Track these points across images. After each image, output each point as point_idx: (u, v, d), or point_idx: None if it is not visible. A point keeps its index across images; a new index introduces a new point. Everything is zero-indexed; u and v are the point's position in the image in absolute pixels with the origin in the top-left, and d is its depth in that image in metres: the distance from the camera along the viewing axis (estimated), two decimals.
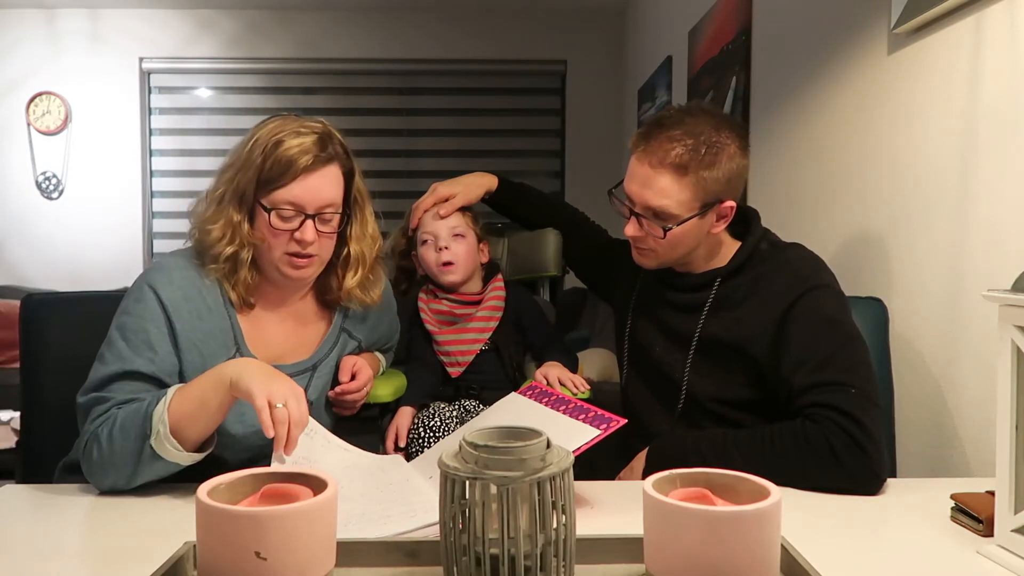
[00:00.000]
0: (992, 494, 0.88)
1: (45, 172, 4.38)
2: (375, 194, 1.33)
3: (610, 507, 1.04)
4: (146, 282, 1.18)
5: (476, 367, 1.60)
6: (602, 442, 1.02)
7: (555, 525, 0.69)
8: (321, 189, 1.19)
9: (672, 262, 1.35)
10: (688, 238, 1.29)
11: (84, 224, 4.40)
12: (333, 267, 1.30)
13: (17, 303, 1.88)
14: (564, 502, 0.70)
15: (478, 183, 1.70)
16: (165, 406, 1.05)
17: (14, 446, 2.77)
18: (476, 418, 1.42)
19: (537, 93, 4.62)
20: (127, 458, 1.05)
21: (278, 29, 4.44)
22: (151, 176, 4.51)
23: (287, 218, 1.19)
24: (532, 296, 1.76)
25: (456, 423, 1.50)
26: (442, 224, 1.60)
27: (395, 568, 0.81)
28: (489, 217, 1.77)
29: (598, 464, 1.22)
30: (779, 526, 0.70)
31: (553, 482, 0.69)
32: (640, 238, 1.32)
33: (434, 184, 1.67)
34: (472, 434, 0.72)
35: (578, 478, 0.81)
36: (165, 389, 1.08)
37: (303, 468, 0.80)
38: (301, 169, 1.17)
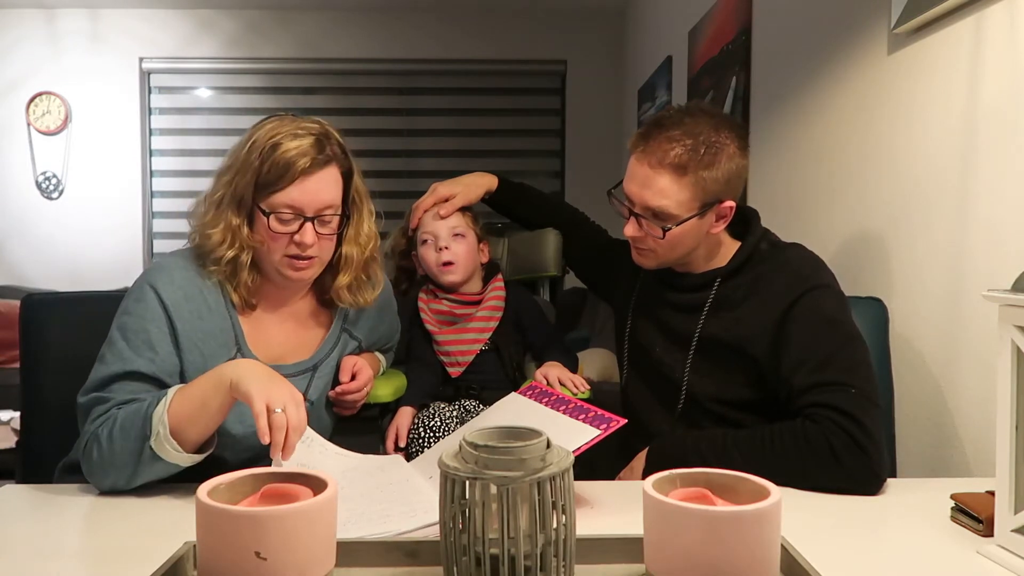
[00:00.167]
0: (992, 494, 0.88)
1: (45, 172, 4.38)
2: (375, 194, 1.33)
3: (610, 507, 1.04)
4: (147, 282, 1.18)
5: (476, 367, 1.60)
6: (602, 442, 1.02)
7: (555, 525, 0.69)
8: (320, 191, 1.19)
9: (672, 262, 1.36)
10: (687, 238, 1.30)
11: (84, 224, 4.40)
12: (329, 267, 1.29)
13: (17, 303, 1.88)
14: (564, 502, 0.70)
15: (478, 183, 1.70)
16: (165, 407, 1.04)
17: (14, 446, 2.77)
18: (476, 418, 1.42)
19: (537, 93, 4.62)
20: (127, 459, 1.05)
21: (278, 29, 4.44)
22: (151, 176, 4.51)
23: (286, 221, 1.18)
24: (532, 296, 1.76)
25: (456, 423, 1.50)
26: (442, 224, 1.61)
27: (395, 568, 0.81)
28: (489, 217, 1.77)
29: (598, 464, 1.22)
30: (779, 526, 0.70)
31: (553, 482, 0.69)
32: (640, 238, 1.32)
33: (434, 184, 1.67)
34: (472, 434, 0.72)
35: (578, 478, 0.81)
36: (165, 390, 1.08)
37: (303, 468, 0.80)
38: (299, 172, 1.16)
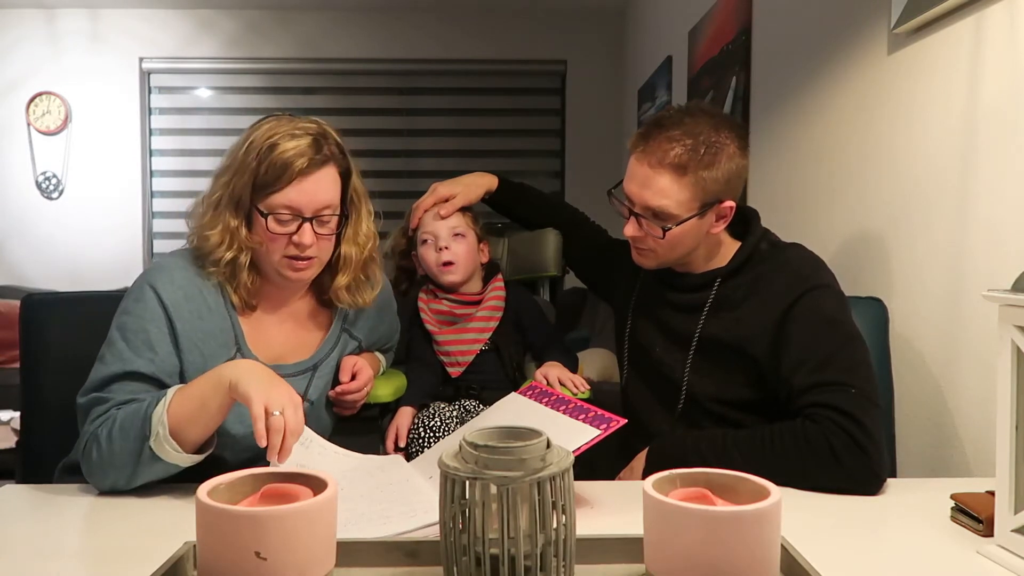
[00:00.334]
0: (992, 494, 0.88)
1: (45, 172, 4.38)
2: (375, 194, 1.33)
3: (610, 507, 1.04)
4: (147, 282, 1.18)
5: (476, 367, 1.60)
6: (602, 442, 1.02)
7: (555, 525, 0.69)
8: (318, 192, 1.18)
9: (672, 262, 1.36)
10: (687, 238, 1.30)
11: (84, 224, 4.40)
12: (328, 267, 1.29)
13: (17, 303, 1.88)
14: (564, 502, 0.70)
15: (478, 183, 1.70)
16: (164, 407, 1.04)
17: (14, 446, 2.77)
18: (476, 418, 1.42)
19: (537, 93, 4.62)
20: (126, 459, 1.05)
21: (278, 29, 4.44)
22: (151, 176, 4.51)
23: (284, 222, 1.18)
24: (532, 296, 1.76)
25: (456, 423, 1.50)
26: (442, 224, 1.60)
27: (395, 568, 0.81)
28: (489, 217, 1.77)
29: (598, 464, 1.22)
30: (779, 526, 0.70)
31: (553, 482, 0.69)
32: (640, 238, 1.32)
33: (434, 184, 1.67)
34: (472, 434, 0.72)
35: (578, 478, 0.81)
36: (165, 390, 1.08)
37: (303, 468, 0.80)
38: (297, 172, 1.16)
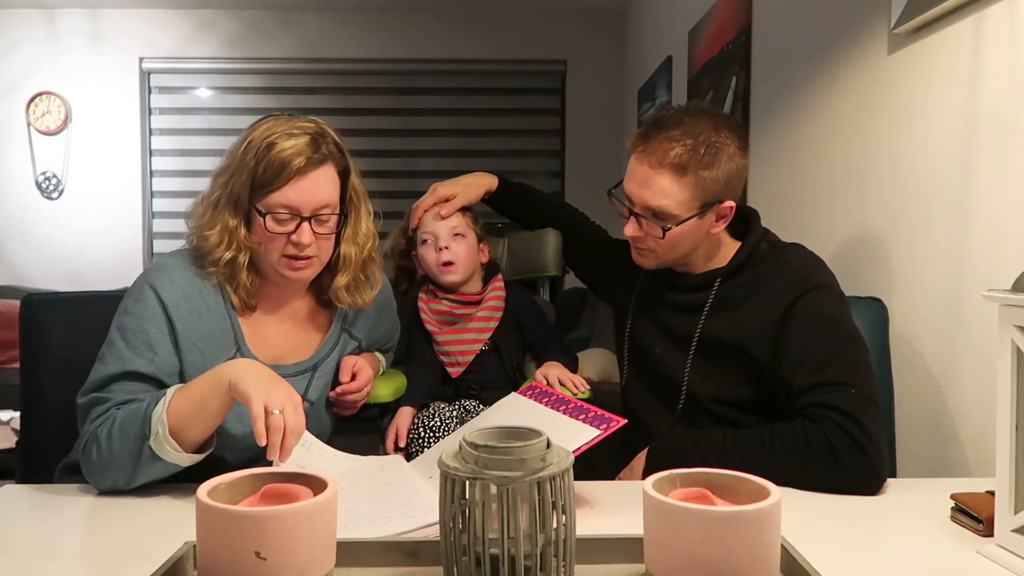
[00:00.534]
0: (992, 494, 0.88)
1: (45, 172, 4.38)
2: (375, 194, 1.33)
3: (610, 507, 1.04)
4: (146, 282, 1.18)
5: (476, 367, 1.60)
6: (602, 442, 1.02)
7: (555, 525, 0.69)
8: (316, 191, 1.18)
9: (672, 262, 1.36)
10: (687, 238, 1.30)
11: (84, 224, 4.40)
12: (328, 268, 1.29)
13: (17, 303, 1.88)
14: (564, 502, 0.70)
15: (478, 183, 1.70)
16: (164, 407, 1.04)
17: (14, 446, 2.76)
18: (476, 418, 1.42)
19: (537, 93, 4.62)
20: (126, 459, 1.05)
21: (278, 29, 4.44)
22: (151, 176, 4.51)
23: (283, 221, 1.18)
24: (532, 296, 1.76)
25: (456, 423, 1.50)
26: (442, 224, 1.60)
27: (395, 568, 0.81)
28: (489, 217, 1.77)
29: (598, 464, 1.22)
30: (779, 526, 0.70)
31: (553, 482, 0.69)
32: (639, 238, 1.32)
33: (434, 184, 1.67)
34: (472, 434, 0.72)
35: (578, 478, 0.81)
36: (164, 390, 1.08)
37: (303, 468, 0.80)
38: (295, 171, 1.16)
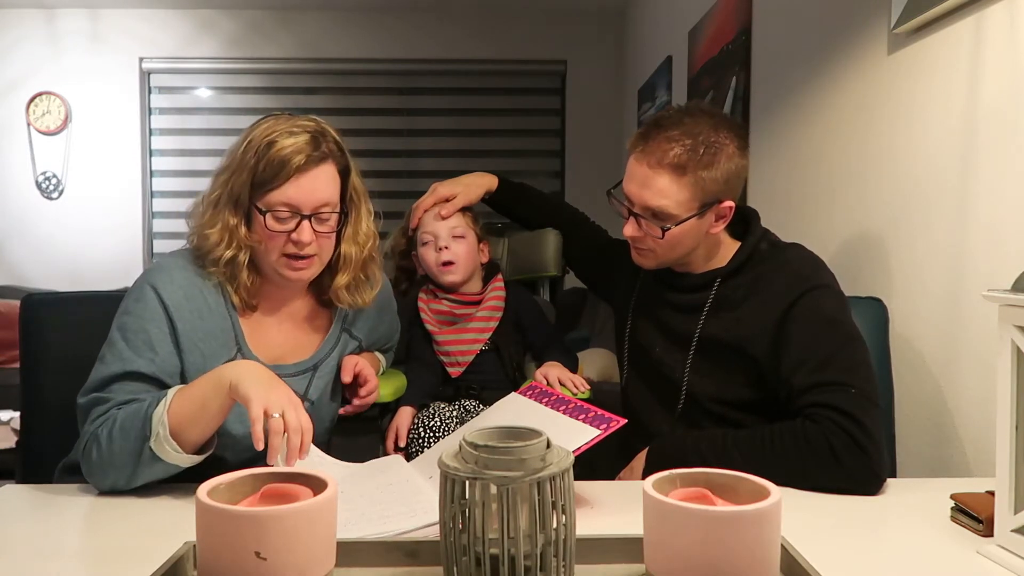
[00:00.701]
0: (992, 494, 0.88)
1: (45, 172, 4.38)
2: (375, 194, 1.33)
3: (610, 507, 1.04)
4: (147, 282, 1.18)
5: (476, 367, 1.60)
6: (602, 442, 1.02)
7: (555, 525, 0.69)
8: (316, 189, 1.18)
9: (671, 262, 1.35)
10: (687, 238, 1.30)
11: (84, 224, 4.40)
12: (328, 267, 1.29)
13: (17, 303, 1.88)
14: (564, 502, 0.70)
15: (478, 183, 1.70)
16: (165, 408, 1.04)
17: (14, 446, 2.76)
18: (476, 418, 1.42)
19: (537, 93, 4.62)
20: (126, 459, 1.05)
21: (278, 29, 4.44)
22: (151, 176, 4.51)
23: (283, 219, 1.18)
24: (532, 296, 1.76)
25: (456, 423, 1.50)
26: (442, 224, 1.61)
27: (395, 568, 0.81)
28: (489, 217, 1.77)
29: (598, 464, 1.22)
30: (779, 526, 0.70)
31: (553, 482, 0.69)
32: (639, 238, 1.32)
33: (434, 184, 1.67)
34: (472, 434, 0.72)
35: (578, 478, 0.81)
36: (165, 390, 1.08)
37: (303, 468, 0.80)
38: (295, 169, 1.16)
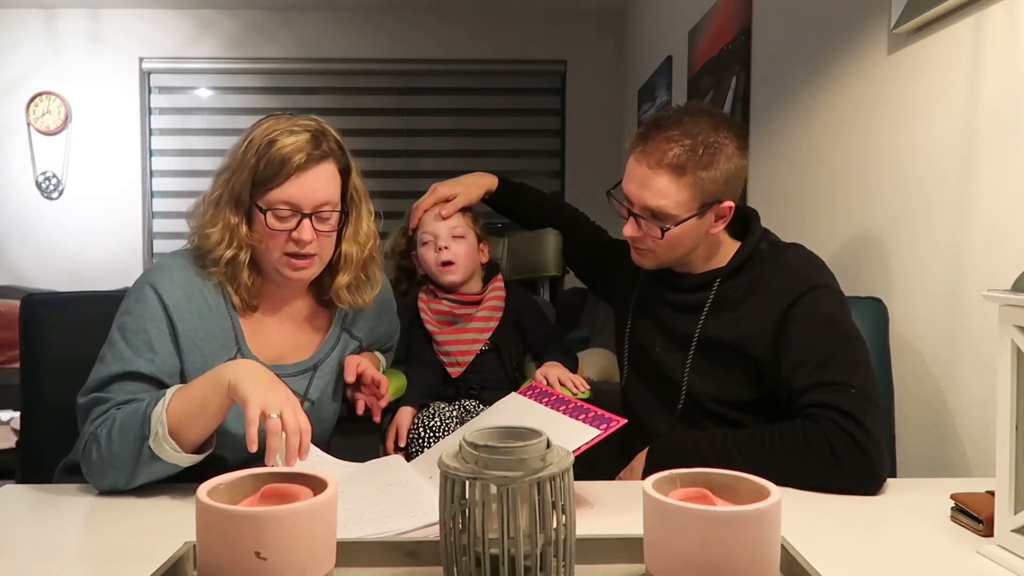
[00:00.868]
0: (992, 494, 0.88)
1: (45, 172, 4.38)
2: (375, 194, 1.33)
3: (610, 507, 1.04)
4: (147, 282, 1.18)
5: (476, 367, 1.60)
6: (602, 442, 1.02)
7: (555, 525, 0.69)
8: (316, 187, 1.18)
9: (671, 262, 1.35)
10: (687, 238, 1.29)
11: (84, 224, 4.40)
12: (328, 267, 1.29)
13: (17, 303, 1.88)
14: (564, 502, 0.70)
15: (478, 183, 1.70)
16: (164, 407, 1.04)
17: (14, 446, 2.76)
18: (476, 418, 1.42)
19: (537, 93, 4.62)
20: (126, 459, 1.05)
21: (278, 29, 4.44)
22: (151, 176, 4.51)
23: (283, 218, 1.18)
24: (532, 296, 1.76)
25: (456, 423, 1.50)
26: (442, 224, 1.61)
27: (395, 568, 0.81)
28: (489, 217, 1.77)
29: (598, 464, 1.22)
30: (779, 526, 0.70)
31: (553, 482, 0.69)
32: (639, 238, 1.32)
33: (434, 184, 1.67)
34: (472, 434, 0.72)
35: (578, 478, 0.81)
36: (164, 390, 1.08)
37: (303, 468, 0.80)
38: (295, 168, 1.16)
